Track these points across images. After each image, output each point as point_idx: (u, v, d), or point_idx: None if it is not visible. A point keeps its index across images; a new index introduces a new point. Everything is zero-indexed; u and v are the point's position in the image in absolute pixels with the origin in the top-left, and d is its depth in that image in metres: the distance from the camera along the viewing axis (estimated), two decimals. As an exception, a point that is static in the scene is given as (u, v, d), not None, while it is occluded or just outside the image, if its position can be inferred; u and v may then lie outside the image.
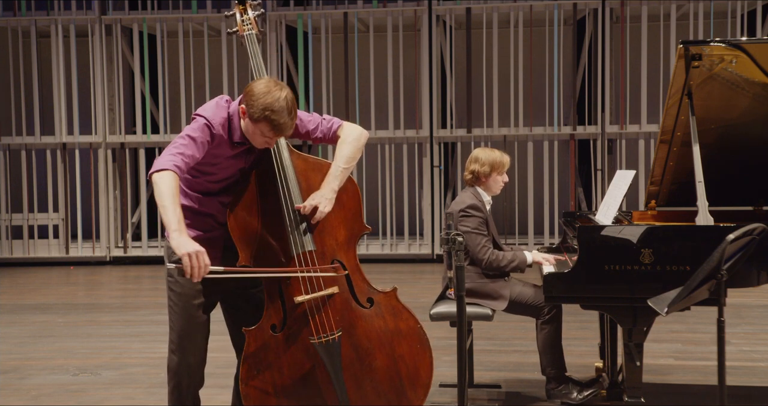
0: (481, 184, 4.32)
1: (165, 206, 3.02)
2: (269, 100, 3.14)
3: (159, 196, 3.04)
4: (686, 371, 4.89)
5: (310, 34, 10.02)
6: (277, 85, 3.19)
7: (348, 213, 3.39)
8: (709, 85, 3.85)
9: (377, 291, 3.41)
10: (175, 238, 3.00)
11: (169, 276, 3.36)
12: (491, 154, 4.29)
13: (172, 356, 3.40)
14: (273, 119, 3.14)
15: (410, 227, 10.16)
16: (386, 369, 3.37)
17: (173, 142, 3.19)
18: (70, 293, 8.54)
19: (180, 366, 3.38)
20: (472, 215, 4.20)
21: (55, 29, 10.15)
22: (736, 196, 4.31)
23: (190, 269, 2.97)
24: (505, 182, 4.36)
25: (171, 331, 3.40)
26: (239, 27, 3.57)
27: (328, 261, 3.34)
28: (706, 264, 2.85)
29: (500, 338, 5.81)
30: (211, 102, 3.33)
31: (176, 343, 3.38)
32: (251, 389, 3.32)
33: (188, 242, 3.00)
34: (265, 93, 3.15)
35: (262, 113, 3.14)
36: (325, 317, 3.31)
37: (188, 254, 2.97)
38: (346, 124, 3.47)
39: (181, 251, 2.98)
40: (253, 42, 3.52)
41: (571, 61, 10.12)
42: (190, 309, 3.35)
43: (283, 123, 3.16)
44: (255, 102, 3.15)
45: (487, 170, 4.27)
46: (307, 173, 3.37)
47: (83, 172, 10.38)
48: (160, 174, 3.07)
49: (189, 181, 3.33)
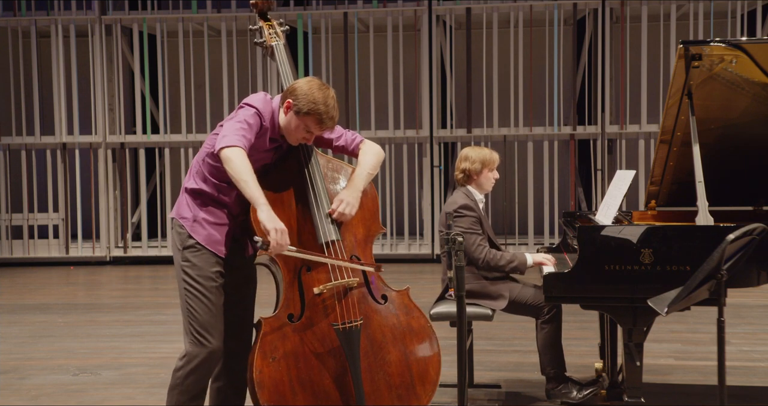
0: (472, 183, 4.33)
1: (246, 181, 3.17)
2: (318, 96, 3.30)
3: (236, 171, 3.17)
4: (686, 371, 4.89)
5: (310, 34, 10.02)
6: (323, 84, 3.37)
7: (367, 213, 3.54)
8: (709, 85, 3.85)
9: (391, 289, 3.55)
10: (266, 211, 3.17)
11: (184, 261, 3.37)
12: (480, 151, 4.32)
13: (194, 341, 3.33)
14: (321, 112, 3.29)
15: (410, 227, 10.16)
16: (398, 364, 3.48)
17: (230, 126, 3.27)
18: (70, 293, 8.54)
19: (202, 350, 3.33)
20: (465, 215, 4.20)
21: (55, 29, 10.15)
22: (736, 197, 4.31)
23: (275, 243, 3.15)
24: (496, 179, 4.37)
25: (191, 318, 3.34)
26: (267, 38, 3.74)
27: (348, 256, 3.46)
28: (706, 264, 2.85)
29: (500, 338, 5.81)
30: (258, 95, 3.44)
31: (197, 329, 3.33)
32: (265, 377, 3.34)
33: (276, 217, 3.18)
34: (315, 89, 3.32)
35: (311, 106, 3.28)
36: (350, 304, 3.41)
37: (276, 228, 3.15)
38: (369, 141, 3.66)
39: (271, 225, 3.15)
40: (281, 51, 3.70)
41: (571, 61, 10.13)
42: (209, 291, 3.36)
43: (330, 118, 3.32)
44: (304, 97, 3.30)
45: (478, 167, 4.28)
46: (331, 173, 3.56)
47: (83, 172, 10.39)
48: (231, 149, 3.19)
49: (214, 168, 3.39)
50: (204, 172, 3.41)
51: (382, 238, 10.06)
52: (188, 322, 3.36)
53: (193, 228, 3.38)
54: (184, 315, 3.38)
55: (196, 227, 3.38)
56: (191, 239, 3.38)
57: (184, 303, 3.38)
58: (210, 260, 3.37)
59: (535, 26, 9.83)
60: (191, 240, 3.38)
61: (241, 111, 3.36)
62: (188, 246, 3.38)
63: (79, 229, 10.32)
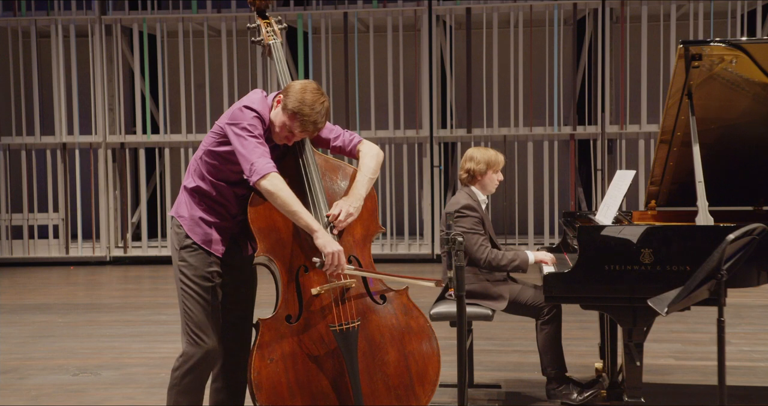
0: (476, 183, 4.33)
1: (298, 212, 3.25)
2: (308, 97, 3.29)
3: (284, 202, 3.22)
4: (686, 371, 4.89)
5: (310, 34, 10.02)
6: (319, 91, 3.35)
7: (365, 213, 3.52)
8: (709, 85, 3.85)
9: (390, 289, 3.54)
10: (321, 236, 3.27)
11: (181, 261, 3.39)
12: (486, 152, 4.32)
13: (190, 341, 3.36)
14: (304, 114, 3.28)
15: (410, 227, 10.16)
16: (397, 364, 3.47)
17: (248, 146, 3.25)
18: (70, 293, 8.54)
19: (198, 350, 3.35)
20: (467, 215, 4.21)
21: (55, 29, 10.15)
22: (736, 197, 4.31)
23: (330, 266, 3.26)
24: (500, 181, 4.37)
25: (187, 318, 3.37)
26: (265, 36, 3.73)
27: (345, 257, 3.42)
28: (706, 264, 2.85)
29: (500, 338, 5.81)
30: (256, 96, 3.43)
31: (193, 329, 3.35)
32: (263, 378, 3.35)
33: (333, 239, 3.30)
34: (308, 91, 3.31)
35: (296, 105, 3.28)
36: (347, 306, 3.41)
37: (333, 252, 3.25)
38: (367, 141, 3.64)
39: (329, 249, 3.25)
40: (278, 50, 3.69)
41: (571, 61, 10.12)
42: (205, 290, 3.37)
43: (311, 122, 3.30)
44: (294, 95, 3.30)
45: (483, 168, 4.28)
46: (328, 172, 3.54)
47: (83, 172, 10.38)
48: (269, 180, 3.22)
49: (213, 168, 3.40)
50: (202, 170, 3.42)
51: (382, 238, 10.06)
52: (185, 322, 3.37)
53: (190, 227, 3.39)
54: (182, 315, 3.39)
55: (194, 225, 3.39)
56: (188, 238, 3.39)
57: (181, 303, 3.39)
58: (206, 260, 3.38)
59: (535, 26, 9.83)
60: (188, 240, 3.39)
61: (238, 114, 3.32)
62: (185, 246, 3.39)
63: (79, 229, 10.32)
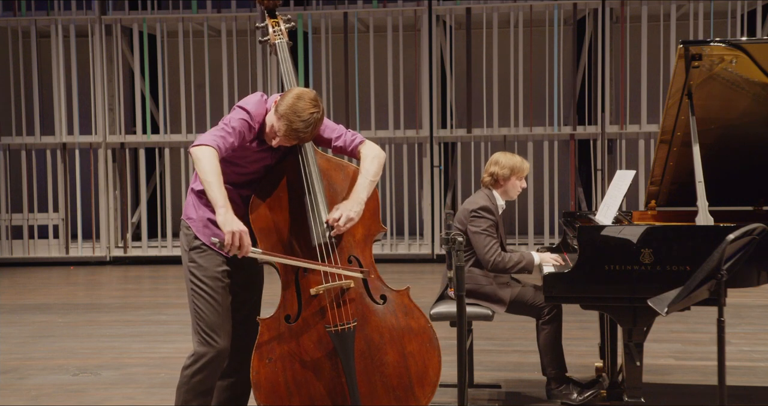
0: (498, 188, 4.33)
1: (210, 182, 3.17)
2: (300, 106, 3.28)
3: (202, 171, 3.18)
4: (686, 371, 4.89)
5: (310, 34, 10.02)
6: (316, 102, 3.32)
7: (367, 212, 3.51)
8: (709, 85, 3.85)
9: (390, 289, 3.52)
10: (222, 214, 3.15)
11: (190, 262, 3.41)
12: (512, 158, 4.32)
13: (201, 341, 3.35)
14: (291, 121, 3.27)
15: (410, 227, 10.16)
16: (396, 365, 3.45)
17: (215, 127, 3.33)
18: (70, 293, 8.54)
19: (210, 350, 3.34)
20: (483, 217, 4.22)
21: (55, 29, 10.15)
22: (736, 197, 4.31)
23: (230, 246, 3.13)
24: (523, 188, 4.37)
25: (198, 318, 3.37)
26: (271, 36, 3.74)
27: (345, 257, 3.45)
28: (706, 264, 2.85)
29: (500, 338, 5.81)
30: (254, 96, 3.45)
31: (204, 329, 3.35)
32: (262, 378, 3.36)
33: (234, 219, 3.15)
34: (303, 99, 3.30)
35: (285, 111, 3.27)
36: (343, 307, 3.40)
37: (232, 231, 3.12)
38: (369, 141, 3.63)
39: (227, 228, 3.12)
40: (284, 49, 3.70)
41: (571, 61, 10.12)
42: (215, 291, 3.38)
43: (294, 130, 3.28)
44: (287, 100, 3.29)
45: (507, 174, 4.29)
46: (330, 172, 3.53)
47: (83, 172, 10.38)
48: (201, 148, 3.21)
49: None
50: None
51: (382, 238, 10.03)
52: (196, 322, 3.38)
53: (198, 228, 3.42)
54: (192, 315, 3.40)
55: (202, 227, 3.42)
56: (197, 239, 3.41)
57: (192, 304, 3.40)
58: (216, 261, 3.39)
59: (535, 26, 9.83)
60: (197, 241, 3.41)
61: (231, 113, 3.39)
62: (194, 247, 3.41)
63: (79, 229, 10.32)
